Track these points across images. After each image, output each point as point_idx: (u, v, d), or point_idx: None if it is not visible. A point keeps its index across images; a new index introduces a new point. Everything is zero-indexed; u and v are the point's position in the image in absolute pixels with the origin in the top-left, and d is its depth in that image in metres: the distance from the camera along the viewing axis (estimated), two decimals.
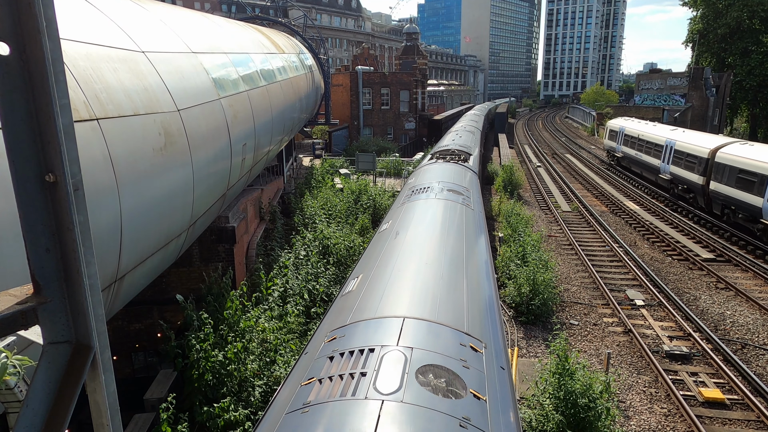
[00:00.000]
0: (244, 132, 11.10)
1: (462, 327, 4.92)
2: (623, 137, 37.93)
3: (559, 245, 22.27)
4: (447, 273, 6.14)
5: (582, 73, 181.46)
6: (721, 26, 57.37)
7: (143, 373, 11.66)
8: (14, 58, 1.31)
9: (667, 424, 10.62)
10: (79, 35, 5.81)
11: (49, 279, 1.46)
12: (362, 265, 7.06)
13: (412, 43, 68.05)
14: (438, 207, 9.25)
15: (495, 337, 5.18)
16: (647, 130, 34.22)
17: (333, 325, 5.03)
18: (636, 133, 35.39)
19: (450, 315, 5.02)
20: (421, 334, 4.50)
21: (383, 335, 4.44)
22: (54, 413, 1.41)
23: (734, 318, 15.21)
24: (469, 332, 4.86)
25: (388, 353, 4.07)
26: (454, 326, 4.83)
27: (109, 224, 5.45)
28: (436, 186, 11.04)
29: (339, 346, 4.37)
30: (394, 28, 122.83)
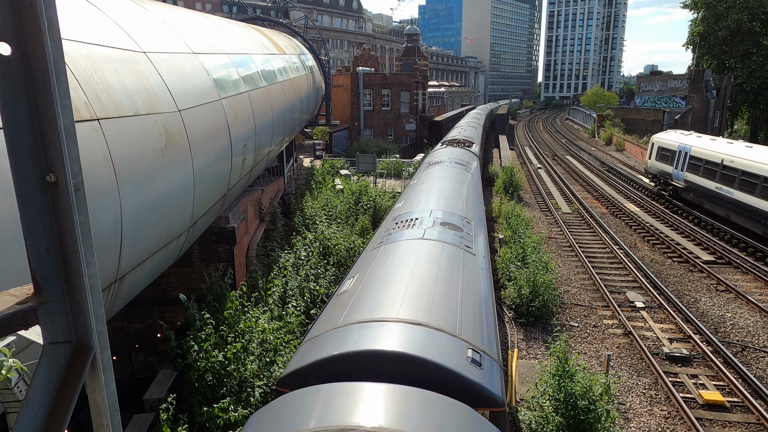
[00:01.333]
0: (244, 133, 11.10)
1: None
2: (686, 160, 27.52)
3: (560, 247, 22.26)
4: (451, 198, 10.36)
5: (582, 74, 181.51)
6: (722, 29, 57.36)
7: (143, 373, 11.65)
8: (16, 59, 1.31)
9: (667, 426, 10.60)
10: (81, 35, 5.82)
11: (49, 279, 1.46)
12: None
13: (412, 44, 68.11)
14: (448, 171, 14.70)
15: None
16: (740, 153, 23.14)
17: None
18: (715, 156, 24.65)
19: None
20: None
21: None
22: (54, 413, 1.41)
23: (734, 320, 15.20)
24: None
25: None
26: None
27: (110, 224, 5.45)
28: (447, 160, 16.68)
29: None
30: (395, 30, 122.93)
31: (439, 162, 15.64)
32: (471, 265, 7.43)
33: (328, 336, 5.10)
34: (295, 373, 4.69)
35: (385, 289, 6.03)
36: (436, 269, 6.76)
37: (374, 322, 4.99)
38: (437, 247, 7.55)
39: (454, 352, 4.72)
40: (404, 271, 6.62)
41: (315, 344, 5.14)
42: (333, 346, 4.77)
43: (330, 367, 4.52)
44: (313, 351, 4.96)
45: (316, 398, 3.72)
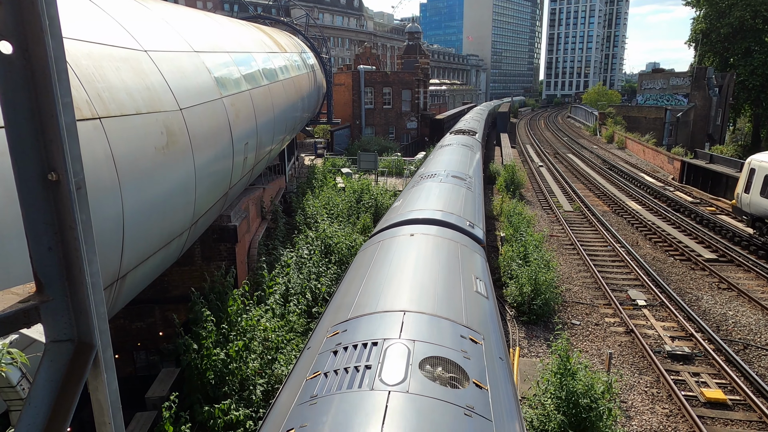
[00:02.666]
0: (246, 131, 11.10)
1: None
2: None
3: (561, 245, 22.24)
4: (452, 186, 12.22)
5: (584, 72, 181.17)
6: (724, 26, 57.20)
7: (145, 371, 11.68)
8: (17, 57, 1.31)
9: (669, 424, 10.60)
10: (82, 34, 5.82)
11: (51, 277, 1.46)
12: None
13: (414, 42, 68.03)
14: (456, 150, 18.08)
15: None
16: None
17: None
18: None
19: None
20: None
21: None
22: (56, 411, 1.41)
23: (736, 318, 15.18)
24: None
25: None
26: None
27: (111, 223, 5.46)
28: (455, 141, 21.07)
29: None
30: (396, 28, 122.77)
31: (449, 144, 20.08)
32: (470, 197, 11.84)
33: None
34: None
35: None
36: (457, 194, 11.27)
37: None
38: (452, 185, 12.23)
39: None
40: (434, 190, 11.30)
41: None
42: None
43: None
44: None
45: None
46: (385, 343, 4.14)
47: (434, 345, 4.20)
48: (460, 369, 3.96)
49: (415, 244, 7.06)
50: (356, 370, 3.78)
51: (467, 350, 4.31)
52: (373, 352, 4.01)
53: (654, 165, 43.23)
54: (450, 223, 8.42)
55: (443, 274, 5.97)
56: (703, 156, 35.53)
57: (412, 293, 5.24)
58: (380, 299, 5.13)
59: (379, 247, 7.25)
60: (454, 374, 3.87)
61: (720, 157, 33.62)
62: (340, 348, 4.25)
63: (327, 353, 4.27)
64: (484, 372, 4.12)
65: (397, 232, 7.85)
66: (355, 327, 4.62)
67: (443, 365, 3.93)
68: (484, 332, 4.88)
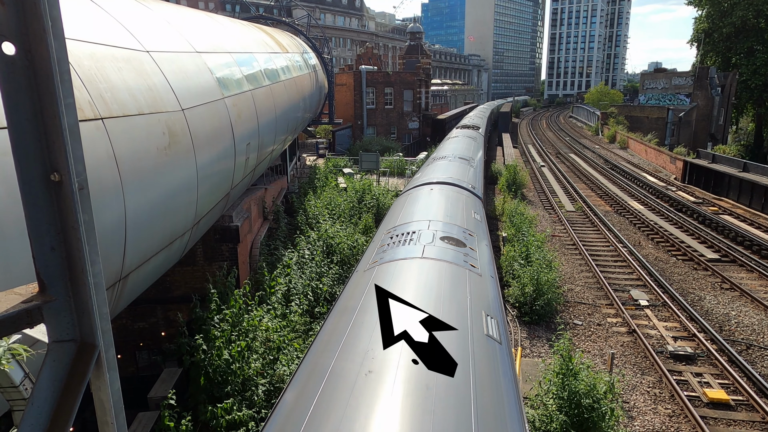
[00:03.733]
0: (247, 131, 11.11)
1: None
2: None
3: (563, 245, 22.22)
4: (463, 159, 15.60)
5: (586, 72, 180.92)
6: (727, 25, 57.07)
7: (147, 371, 11.69)
8: (20, 58, 1.31)
9: (672, 424, 10.58)
10: (84, 35, 5.83)
11: (54, 278, 1.46)
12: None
13: (415, 42, 68.00)
14: (461, 140, 21.52)
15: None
16: None
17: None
18: None
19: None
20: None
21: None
22: (59, 411, 1.41)
23: (739, 318, 15.14)
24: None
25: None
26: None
27: (114, 223, 5.47)
28: (461, 134, 24.50)
29: (395, 233, 7.73)
30: (397, 28, 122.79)
31: (456, 136, 23.91)
32: (473, 171, 14.70)
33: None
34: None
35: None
36: (463, 168, 14.23)
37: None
38: (458, 163, 15.06)
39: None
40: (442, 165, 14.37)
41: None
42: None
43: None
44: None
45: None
46: (420, 231, 7.46)
47: (447, 232, 7.50)
48: (460, 241, 7.21)
49: (433, 194, 10.39)
50: (405, 239, 7.17)
51: (465, 236, 7.63)
52: (413, 235, 7.27)
53: (656, 165, 43.16)
54: (457, 184, 11.66)
55: (453, 207, 9.41)
56: (706, 156, 35.46)
57: (433, 213, 8.61)
58: (414, 216, 8.50)
59: (409, 195, 10.73)
60: (458, 242, 7.10)
61: (722, 157, 33.55)
62: (394, 236, 7.50)
63: (386, 238, 7.54)
64: (474, 243, 7.53)
65: (420, 189, 11.16)
66: (401, 228, 7.84)
67: (451, 239, 7.14)
68: (476, 233, 8.23)
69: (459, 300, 5.36)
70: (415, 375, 3.64)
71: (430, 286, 5.49)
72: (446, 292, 5.44)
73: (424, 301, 5.00)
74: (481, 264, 6.86)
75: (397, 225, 8.25)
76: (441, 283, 5.63)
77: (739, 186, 28.87)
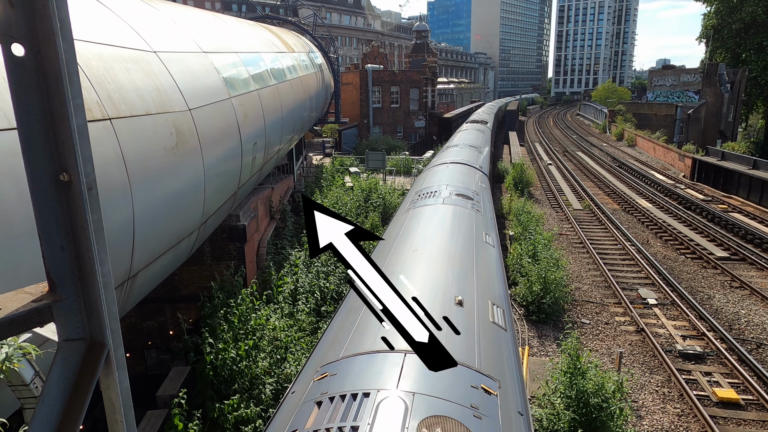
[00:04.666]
0: (254, 131, 11.15)
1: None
2: None
3: (571, 243, 22.11)
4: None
5: (593, 69, 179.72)
6: (736, 21, 56.49)
7: (156, 370, 11.77)
8: (29, 59, 1.32)
9: (681, 424, 10.51)
10: (92, 36, 5.87)
11: (63, 277, 1.47)
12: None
13: (421, 41, 67.89)
14: (471, 132, 25.34)
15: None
16: None
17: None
18: None
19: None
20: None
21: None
22: (69, 409, 1.43)
23: (749, 317, 15.00)
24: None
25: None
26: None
27: (122, 223, 5.51)
28: (470, 127, 28.50)
29: (419, 194, 10.08)
30: (403, 26, 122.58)
31: (465, 129, 28.31)
32: (481, 156, 18.05)
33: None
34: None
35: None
36: (472, 152, 17.83)
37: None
38: (468, 148, 18.80)
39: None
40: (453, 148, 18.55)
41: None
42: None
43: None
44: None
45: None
46: (440, 191, 9.56)
47: (459, 191, 9.75)
48: (469, 197, 9.40)
49: (449, 170, 13.74)
50: (429, 194, 9.02)
51: (473, 195, 9.63)
52: (435, 193, 8.93)
53: (664, 162, 42.83)
54: (467, 164, 15.06)
55: (464, 177, 12.70)
56: (715, 153, 35.13)
57: (448, 181, 11.65)
58: (434, 183, 11.62)
59: (429, 171, 14.60)
60: (467, 198, 8.60)
61: (732, 154, 33.23)
62: (421, 194, 9.85)
63: (415, 196, 9.46)
64: (480, 199, 9.83)
65: (438, 167, 14.59)
66: (426, 190, 10.57)
67: (463, 195, 8.92)
68: (481, 194, 10.61)
69: (466, 225, 8.56)
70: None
71: (446, 219, 8.65)
72: (456, 232, 8.05)
73: (443, 230, 8.11)
74: (484, 210, 9.98)
75: (422, 188, 11.38)
76: (453, 224, 8.41)
77: (749, 183, 28.58)
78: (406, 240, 7.51)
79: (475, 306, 5.27)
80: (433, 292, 5.46)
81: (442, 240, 7.46)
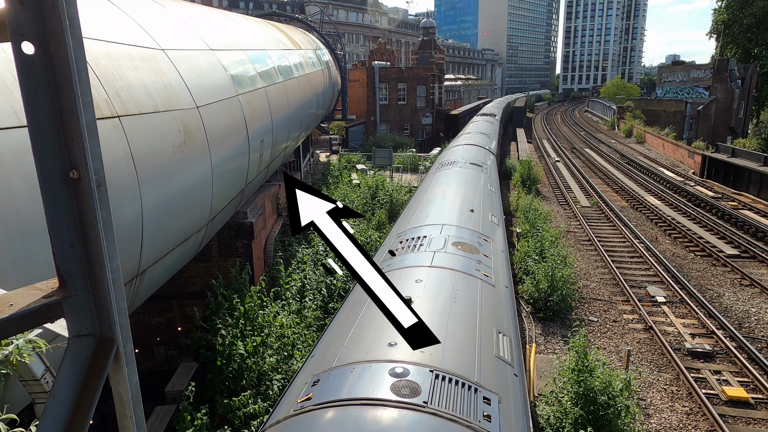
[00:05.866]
0: (261, 128, 11.17)
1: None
2: None
3: (578, 241, 22.00)
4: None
5: (602, 66, 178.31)
6: (747, 16, 55.79)
7: (164, 366, 11.87)
8: (39, 57, 1.33)
9: (689, 422, 10.44)
10: (101, 34, 5.91)
11: (73, 273, 1.49)
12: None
13: (428, 37, 67.64)
14: (481, 123, 30.50)
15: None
16: None
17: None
18: None
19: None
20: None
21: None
22: (79, 404, 1.44)
23: (759, 315, 14.86)
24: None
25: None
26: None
27: (131, 220, 5.55)
28: (481, 119, 33.57)
29: (442, 164, 15.56)
30: (410, 23, 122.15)
31: (476, 121, 32.61)
32: (490, 140, 23.18)
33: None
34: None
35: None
36: (483, 138, 23.16)
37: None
38: (480, 134, 24.34)
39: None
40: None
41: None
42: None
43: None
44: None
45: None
46: (457, 161, 15.15)
47: (472, 161, 15.20)
48: (479, 165, 14.66)
49: (463, 148, 18.21)
50: (449, 164, 14.92)
51: (482, 164, 15.15)
52: (454, 163, 14.74)
53: (674, 159, 42.46)
54: (479, 145, 19.73)
55: (476, 154, 17.00)
56: (725, 150, 34.77)
57: (463, 156, 16.04)
58: (453, 157, 16.10)
59: (448, 150, 19.28)
60: (477, 166, 14.62)
61: (743, 151, 32.88)
62: (443, 164, 15.31)
63: (439, 165, 15.30)
64: (487, 168, 15.16)
65: (456, 148, 19.04)
66: (447, 161, 15.51)
67: (474, 164, 14.47)
68: (489, 165, 15.84)
69: (476, 179, 13.01)
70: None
71: (462, 176, 12.96)
72: (469, 181, 12.55)
73: (461, 179, 12.44)
74: (490, 173, 14.79)
75: (444, 160, 16.31)
76: (468, 178, 12.88)
77: (760, 180, 28.27)
78: (436, 186, 12.06)
79: (480, 214, 9.64)
80: (457, 205, 9.93)
81: (460, 184, 12.19)
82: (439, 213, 9.17)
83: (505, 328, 5.40)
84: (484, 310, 5.47)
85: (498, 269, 7.08)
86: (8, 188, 3.85)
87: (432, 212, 9.30)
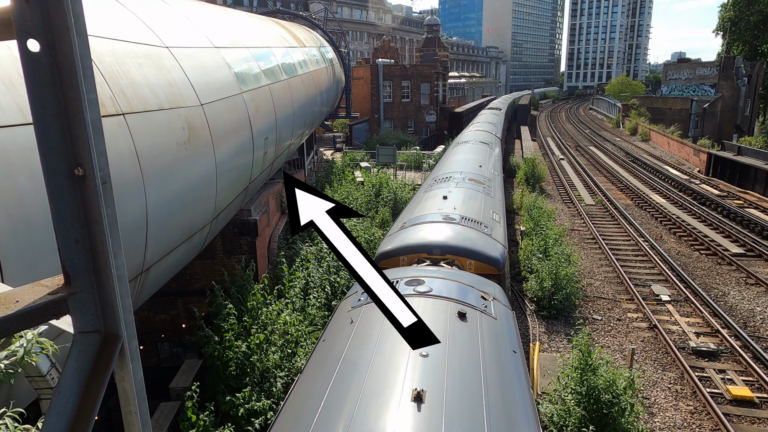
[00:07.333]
0: (265, 126, 11.18)
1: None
2: None
3: (582, 239, 21.94)
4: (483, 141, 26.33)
5: (607, 63, 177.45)
6: (754, 13, 55.37)
7: (169, 362, 11.91)
8: (44, 55, 1.33)
9: (693, 421, 10.42)
10: (105, 31, 5.92)
11: (78, 270, 1.49)
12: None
13: (433, 35, 67.49)
14: (488, 116, 38.74)
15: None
16: None
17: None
18: None
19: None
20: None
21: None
22: (84, 399, 1.45)
23: (765, 314, 14.80)
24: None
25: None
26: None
27: (136, 217, 5.57)
28: (487, 112, 42.72)
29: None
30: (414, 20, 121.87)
31: (483, 113, 39.85)
32: (496, 130, 30.92)
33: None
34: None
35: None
36: (489, 128, 29.86)
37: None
38: (487, 124, 31.60)
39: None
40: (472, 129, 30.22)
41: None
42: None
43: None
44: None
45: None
46: (469, 141, 22.50)
47: (481, 142, 22.28)
48: (486, 144, 22.09)
49: (476, 132, 26.45)
50: (464, 143, 21.98)
51: (489, 142, 23.32)
52: (467, 143, 22.34)
53: (679, 157, 42.25)
54: (487, 131, 26.62)
55: (485, 137, 24.95)
56: (731, 148, 34.58)
57: (474, 136, 24.65)
58: (467, 138, 24.58)
59: (463, 134, 27.65)
60: (486, 144, 22.09)
61: (749, 149, 32.68)
62: (458, 143, 23.30)
63: (456, 144, 23.77)
64: (492, 146, 22.76)
65: (469, 132, 27.74)
66: (462, 141, 24.13)
67: (483, 143, 22.07)
68: (494, 143, 24.27)
69: (484, 151, 20.22)
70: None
71: (474, 149, 20.13)
72: (479, 153, 19.24)
73: (472, 150, 19.80)
74: (495, 148, 22.30)
75: (460, 141, 24.07)
76: (478, 148, 20.57)
77: (766, 179, 28.11)
78: (456, 156, 18.43)
79: (485, 168, 15.37)
80: (468, 165, 15.99)
81: (471, 153, 18.75)
82: (459, 164, 16.22)
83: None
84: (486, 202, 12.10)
85: (495, 189, 14.02)
86: (14, 185, 3.87)
87: (454, 165, 16.32)
